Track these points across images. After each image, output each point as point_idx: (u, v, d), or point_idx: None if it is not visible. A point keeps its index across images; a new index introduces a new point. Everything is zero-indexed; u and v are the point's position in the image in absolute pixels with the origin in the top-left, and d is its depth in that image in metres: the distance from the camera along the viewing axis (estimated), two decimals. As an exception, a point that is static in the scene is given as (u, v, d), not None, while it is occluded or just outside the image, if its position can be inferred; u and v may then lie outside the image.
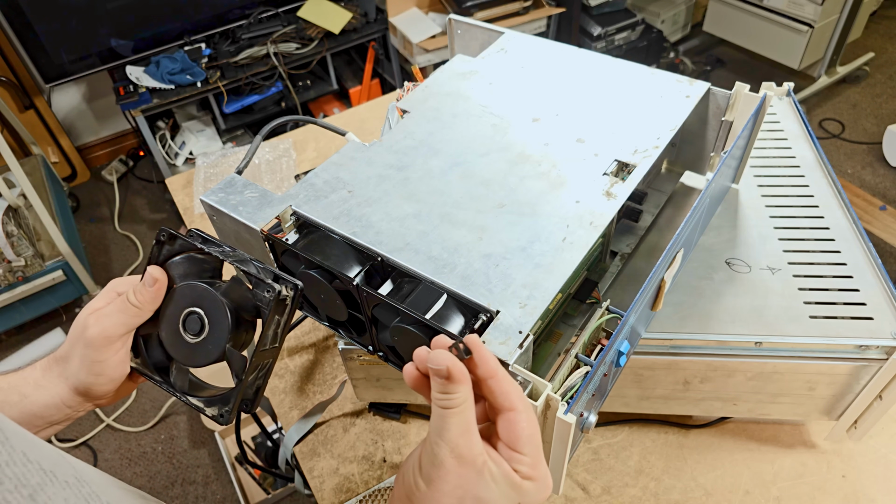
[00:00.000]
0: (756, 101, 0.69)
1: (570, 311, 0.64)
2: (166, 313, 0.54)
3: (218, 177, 1.34)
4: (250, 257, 0.53)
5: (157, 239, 0.55)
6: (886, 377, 0.65)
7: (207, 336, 0.52)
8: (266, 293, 0.51)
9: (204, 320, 0.52)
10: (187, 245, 0.54)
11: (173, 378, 0.56)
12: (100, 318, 0.52)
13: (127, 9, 2.24)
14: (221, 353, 0.52)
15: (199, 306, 0.52)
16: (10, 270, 1.96)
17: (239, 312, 0.52)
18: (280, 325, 0.53)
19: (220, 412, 0.53)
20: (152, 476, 1.82)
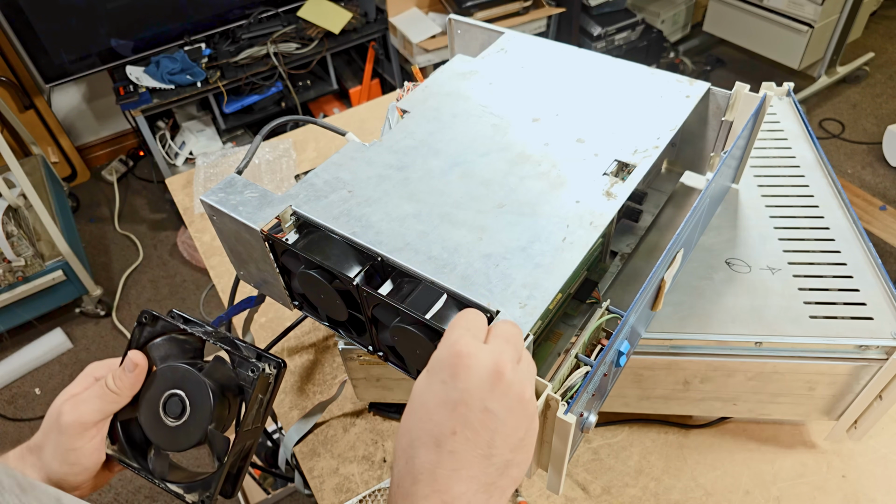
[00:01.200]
0: (756, 101, 0.69)
1: (570, 311, 0.64)
2: (146, 396, 0.52)
3: (218, 177, 1.34)
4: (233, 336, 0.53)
5: (139, 321, 0.54)
6: (886, 377, 0.65)
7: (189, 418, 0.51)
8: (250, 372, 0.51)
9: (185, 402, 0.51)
10: (169, 326, 0.54)
11: (151, 463, 0.54)
12: (76, 405, 0.51)
13: (127, 9, 2.24)
14: (203, 435, 0.51)
15: (180, 388, 0.51)
16: (10, 270, 1.96)
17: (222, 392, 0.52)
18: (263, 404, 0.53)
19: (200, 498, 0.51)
20: (152, 476, 1.82)
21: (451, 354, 0.41)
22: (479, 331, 0.43)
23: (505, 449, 0.40)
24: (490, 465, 0.39)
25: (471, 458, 0.39)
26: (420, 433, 0.40)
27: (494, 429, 0.39)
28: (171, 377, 0.52)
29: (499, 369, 0.40)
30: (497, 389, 0.40)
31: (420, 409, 0.41)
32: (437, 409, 0.40)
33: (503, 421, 0.40)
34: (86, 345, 2.19)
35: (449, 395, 0.40)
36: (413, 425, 0.41)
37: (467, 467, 0.39)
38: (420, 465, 0.39)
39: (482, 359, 0.40)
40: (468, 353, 0.40)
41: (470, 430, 0.39)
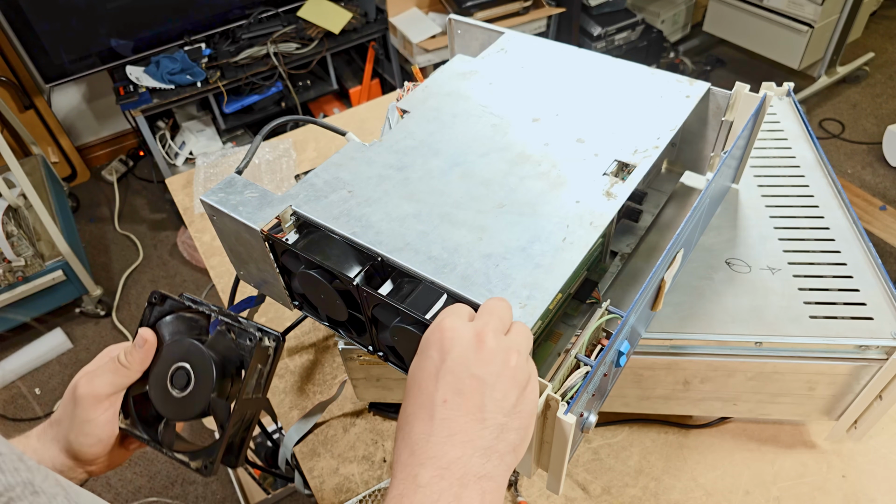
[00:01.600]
0: (756, 101, 0.69)
1: (570, 311, 0.64)
2: (155, 371, 0.56)
3: (218, 177, 1.34)
4: (237, 315, 0.55)
5: (149, 301, 0.58)
6: (886, 377, 0.65)
7: (194, 389, 0.54)
8: (248, 341, 0.54)
9: (190, 374, 0.54)
10: (177, 304, 0.57)
11: (160, 434, 0.57)
12: (90, 379, 0.54)
13: (127, 9, 2.24)
14: (207, 404, 0.54)
15: (185, 361, 0.54)
16: (10, 270, 1.96)
17: (224, 364, 0.55)
18: (263, 376, 0.56)
19: (203, 464, 0.54)
20: (152, 476, 1.82)
21: (436, 331, 0.44)
22: (462, 312, 0.46)
23: (498, 413, 0.41)
24: (484, 428, 0.40)
25: (464, 423, 0.40)
26: (414, 408, 0.42)
27: (483, 393, 0.41)
28: (177, 351, 0.55)
29: (481, 337, 0.42)
30: (481, 356, 0.42)
31: (412, 385, 0.43)
32: (426, 382, 0.42)
33: (491, 385, 0.41)
34: (86, 345, 2.19)
35: (437, 367, 0.42)
36: (408, 403, 0.43)
37: (461, 432, 0.40)
38: (416, 437, 0.41)
39: (464, 330, 0.43)
40: (450, 326, 0.43)
41: (459, 397, 0.41)
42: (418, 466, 0.39)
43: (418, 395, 0.42)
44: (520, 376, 0.43)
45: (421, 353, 0.44)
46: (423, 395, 0.42)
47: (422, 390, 0.42)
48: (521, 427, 0.42)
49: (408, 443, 0.41)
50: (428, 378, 0.42)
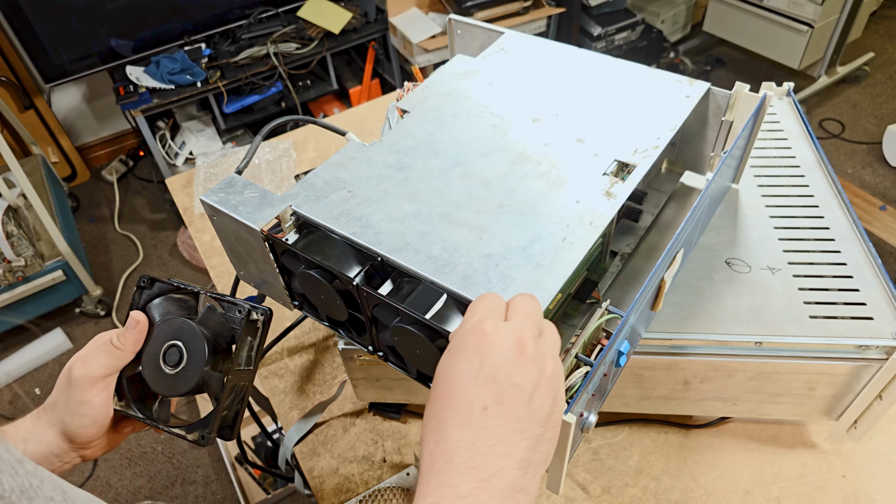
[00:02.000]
0: (756, 101, 0.69)
1: (570, 311, 0.64)
2: (147, 351, 0.57)
3: (218, 177, 1.34)
4: (226, 295, 0.57)
5: (138, 285, 0.59)
6: (886, 377, 0.65)
7: (186, 365, 0.55)
8: (237, 313, 0.55)
9: (182, 351, 0.55)
10: (166, 287, 0.58)
11: (156, 413, 0.58)
12: (85, 362, 0.55)
13: (127, 9, 2.24)
14: (200, 378, 0.55)
15: (177, 339, 0.56)
16: (10, 270, 1.96)
17: (216, 339, 0.56)
18: (253, 349, 0.58)
19: (200, 434, 0.55)
20: (152, 476, 1.82)
21: (475, 333, 0.42)
22: (499, 311, 0.44)
23: (535, 423, 0.40)
24: (523, 439, 0.39)
25: (504, 432, 0.39)
26: (450, 412, 0.40)
27: (523, 402, 0.40)
28: (168, 330, 0.56)
29: (522, 343, 0.41)
30: (521, 364, 0.41)
31: (449, 388, 0.41)
32: (465, 387, 0.40)
33: (530, 395, 0.40)
34: (86, 345, 2.19)
35: (476, 372, 0.40)
36: (442, 405, 0.41)
37: (502, 443, 0.39)
38: (454, 444, 0.39)
39: (505, 335, 0.41)
40: (491, 330, 0.41)
41: (500, 406, 0.39)
42: (458, 476, 0.38)
43: (457, 399, 0.40)
44: (554, 384, 0.42)
45: (457, 353, 0.42)
46: (461, 401, 0.40)
47: (461, 395, 0.40)
48: (553, 437, 0.42)
49: (444, 449, 0.39)
50: (467, 382, 0.40)
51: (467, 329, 0.43)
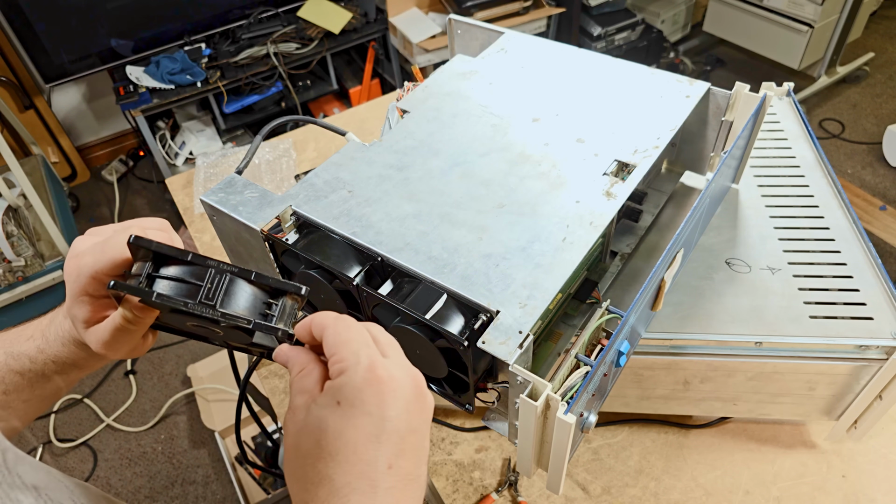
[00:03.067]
0: (756, 101, 0.69)
1: (570, 311, 0.64)
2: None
3: (218, 177, 1.34)
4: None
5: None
6: (886, 377, 0.65)
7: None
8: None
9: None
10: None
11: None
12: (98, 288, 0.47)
13: (127, 9, 2.24)
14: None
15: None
16: (10, 270, 1.97)
17: None
18: None
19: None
20: (152, 476, 1.82)
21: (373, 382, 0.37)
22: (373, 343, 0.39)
23: (423, 464, 0.38)
24: (418, 487, 0.37)
25: (405, 487, 0.36)
26: (349, 478, 0.35)
27: (420, 447, 0.38)
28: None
29: (417, 384, 0.38)
30: (419, 406, 0.38)
31: (343, 449, 0.35)
32: (365, 447, 0.36)
33: (424, 435, 0.38)
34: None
35: (378, 427, 0.36)
36: (335, 471, 0.35)
37: (402, 498, 0.36)
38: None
39: (402, 380, 0.38)
40: (389, 376, 0.37)
41: (402, 459, 0.36)
42: None
43: (355, 461, 0.35)
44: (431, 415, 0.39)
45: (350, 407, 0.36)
46: (362, 463, 0.35)
47: (359, 456, 0.35)
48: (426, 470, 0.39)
49: None
50: (367, 441, 0.36)
51: (360, 379, 0.37)
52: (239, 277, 0.46)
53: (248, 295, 0.46)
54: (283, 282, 0.47)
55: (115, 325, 0.47)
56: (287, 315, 0.46)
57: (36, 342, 0.52)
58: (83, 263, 0.47)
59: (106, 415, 1.95)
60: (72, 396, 2.00)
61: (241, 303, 0.46)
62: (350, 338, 0.38)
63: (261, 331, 0.45)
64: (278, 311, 0.46)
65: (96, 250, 0.47)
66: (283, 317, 0.46)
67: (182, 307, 0.44)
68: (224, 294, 0.45)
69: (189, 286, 0.46)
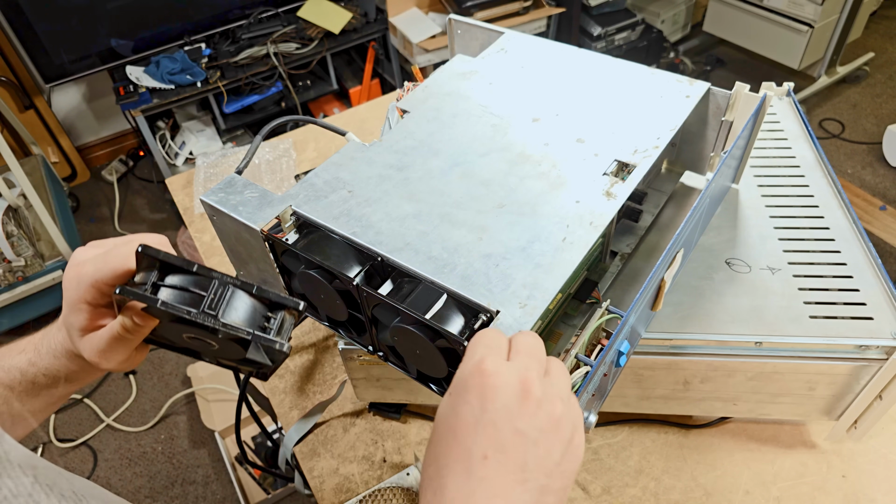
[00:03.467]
0: (756, 101, 0.69)
1: (570, 311, 0.64)
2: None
3: (218, 177, 1.34)
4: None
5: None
6: (886, 377, 0.65)
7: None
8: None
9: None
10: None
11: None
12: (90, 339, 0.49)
13: (127, 9, 2.24)
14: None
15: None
16: (10, 270, 1.97)
17: None
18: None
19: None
20: (152, 476, 1.82)
21: (476, 374, 0.39)
22: (500, 349, 0.41)
23: (540, 473, 0.38)
24: (525, 490, 0.37)
25: (504, 483, 0.37)
26: (448, 460, 0.38)
27: (527, 451, 0.37)
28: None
29: (526, 386, 0.38)
30: (526, 408, 0.38)
31: (447, 434, 0.39)
32: (464, 434, 0.38)
33: (535, 442, 0.38)
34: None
35: (477, 417, 0.38)
36: (440, 452, 0.38)
37: (502, 495, 0.36)
38: (451, 494, 0.37)
39: (508, 377, 0.38)
40: (493, 371, 0.39)
41: (501, 454, 0.37)
42: None
43: (454, 445, 0.38)
44: (565, 429, 0.39)
45: (456, 395, 0.39)
46: (459, 447, 0.38)
47: (458, 441, 0.38)
48: (562, 488, 0.39)
49: (441, 499, 0.37)
50: (466, 428, 0.38)
51: (468, 370, 0.39)
52: (241, 290, 0.47)
53: (248, 307, 0.48)
54: (282, 297, 0.49)
55: (112, 334, 0.48)
56: (284, 329, 0.48)
57: (28, 355, 0.53)
58: (84, 272, 0.48)
59: (106, 415, 1.95)
60: (72, 396, 2.00)
61: (242, 315, 0.47)
62: (478, 339, 0.42)
63: (260, 342, 0.47)
64: (276, 325, 0.48)
65: (98, 260, 0.48)
66: (281, 331, 0.48)
67: (185, 315, 0.46)
68: (226, 305, 0.46)
69: (192, 296, 0.47)
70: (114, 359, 0.50)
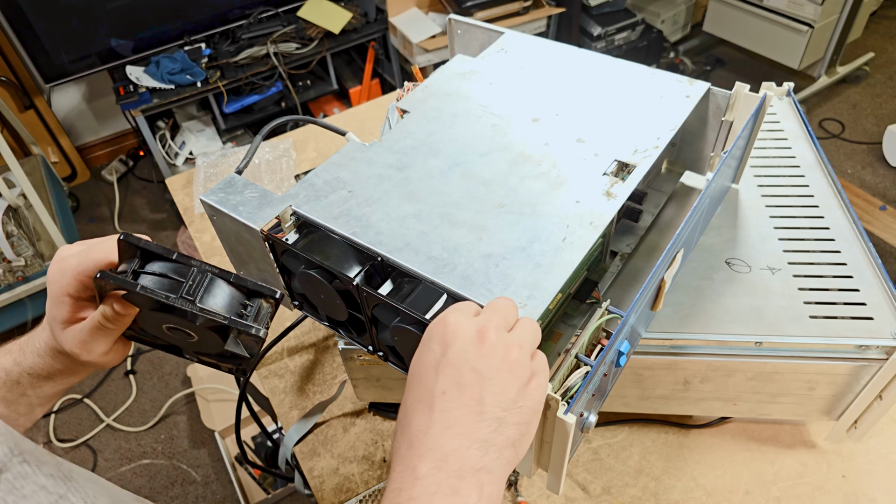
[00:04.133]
0: (756, 101, 0.69)
1: (570, 311, 0.64)
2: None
3: (218, 177, 1.34)
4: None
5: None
6: (886, 377, 0.65)
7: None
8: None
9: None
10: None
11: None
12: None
13: (127, 9, 2.24)
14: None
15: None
16: (10, 270, 1.97)
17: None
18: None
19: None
20: (152, 476, 1.82)
21: (438, 324, 0.44)
22: (468, 309, 0.46)
23: (495, 407, 0.41)
24: (482, 421, 0.41)
25: (461, 414, 0.40)
26: (413, 400, 0.42)
27: (482, 386, 0.41)
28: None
29: (482, 332, 0.43)
30: (482, 351, 0.42)
31: (413, 378, 0.43)
32: (427, 374, 0.42)
33: (490, 379, 0.41)
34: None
35: (437, 360, 0.42)
36: (408, 395, 0.43)
37: (458, 424, 0.40)
38: (415, 429, 0.41)
39: (466, 325, 0.43)
40: (453, 321, 0.43)
41: (458, 389, 0.41)
42: (416, 458, 0.40)
43: (418, 386, 0.42)
44: (520, 371, 0.42)
45: (423, 345, 0.44)
46: (422, 387, 0.42)
47: (421, 382, 0.42)
48: (521, 422, 0.42)
49: (406, 435, 0.41)
50: (428, 370, 0.42)
51: (433, 323, 0.45)
52: (219, 277, 0.49)
53: (226, 295, 0.50)
54: (259, 285, 0.50)
55: (93, 323, 0.50)
56: (262, 317, 0.50)
57: (13, 355, 0.54)
58: (67, 265, 0.50)
59: (106, 415, 1.95)
60: (72, 396, 2.00)
61: (220, 301, 0.49)
62: (454, 304, 0.47)
63: (236, 327, 0.48)
64: (253, 312, 0.49)
65: (81, 253, 0.50)
66: (258, 318, 0.49)
67: (163, 299, 0.47)
68: (204, 291, 0.48)
69: (172, 282, 0.49)
70: (95, 350, 0.51)
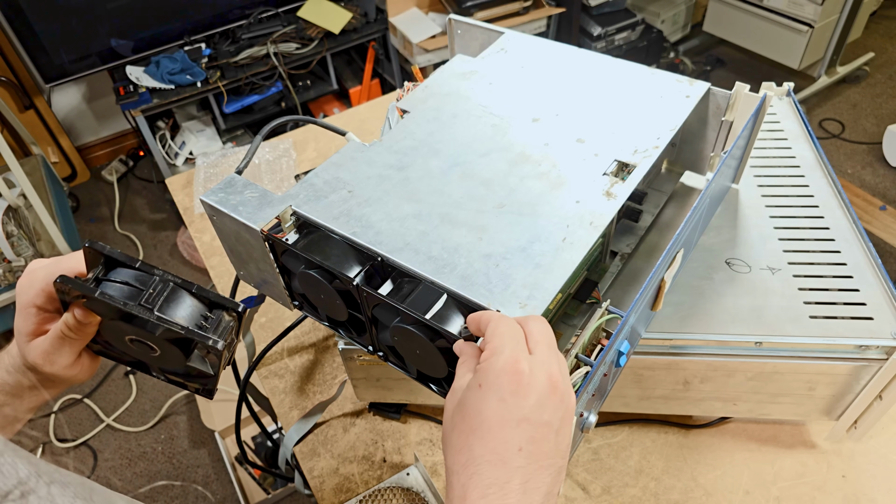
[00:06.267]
0: (756, 101, 0.69)
1: (570, 311, 0.64)
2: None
3: (218, 177, 1.34)
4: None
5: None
6: (886, 377, 0.65)
7: None
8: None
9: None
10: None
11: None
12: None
13: (127, 9, 2.24)
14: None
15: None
16: (10, 270, 1.97)
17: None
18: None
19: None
20: (152, 476, 1.82)
21: (511, 373, 0.42)
22: (522, 339, 0.44)
23: (559, 457, 0.42)
24: (549, 475, 0.41)
25: (534, 469, 0.41)
26: (483, 451, 0.41)
27: (553, 440, 0.42)
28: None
29: (553, 382, 0.42)
30: (552, 402, 0.42)
31: (481, 426, 0.42)
32: (500, 427, 0.41)
33: (558, 431, 0.42)
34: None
35: (512, 413, 0.41)
36: (474, 442, 0.41)
37: (532, 479, 0.41)
38: (489, 481, 0.40)
39: (539, 375, 0.42)
40: (527, 371, 0.42)
41: (533, 445, 0.41)
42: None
43: (489, 438, 0.41)
44: (572, 414, 0.43)
45: (489, 390, 0.42)
46: (495, 441, 0.41)
47: (494, 435, 0.41)
48: (566, 464, 0.43)
49: (478, 484, 0.40)
50: (501, 422, 0.41)
51: (500, 367, 0.42)
52: (181, 287, 0.49)
53: (187, 305, 0.50)
54: (221, 297, 0.50)
55: (56, 334, 0.51)
56: (222, 329, 0.50)
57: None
58: (35, 277, 0.51)
59: (106, 415, 1.95)
60: (72, 396, 2.00)
61: (180, 311, 0.49)
62: (503, 331, 0.44)
63: (193, 337, 0.48)
64: (213, 324, 0.49)
65: (51, 265, 0.51)
66: (218, 330, 0.49)
67: (121, 306, 0.47)
68: (164, 301, 0.48)
69: (133, 290, 0.49)
70: (58, 361, 0.52)
